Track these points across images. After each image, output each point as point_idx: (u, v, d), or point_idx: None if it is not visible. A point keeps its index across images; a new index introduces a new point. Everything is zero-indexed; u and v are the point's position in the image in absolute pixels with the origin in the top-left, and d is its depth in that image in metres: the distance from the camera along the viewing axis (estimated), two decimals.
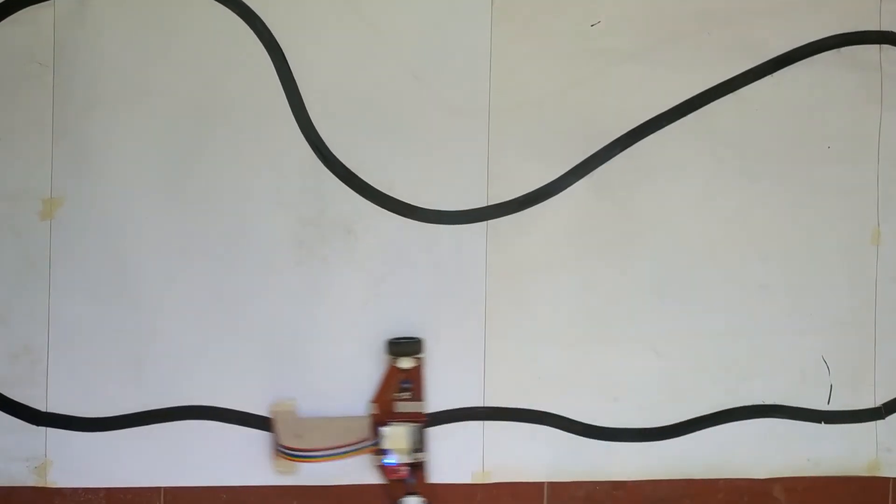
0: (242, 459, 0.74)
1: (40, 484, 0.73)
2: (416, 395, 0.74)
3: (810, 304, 0.78)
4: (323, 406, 0.74)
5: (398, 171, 0.76)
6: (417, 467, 0.73)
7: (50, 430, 0.73)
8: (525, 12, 0.76)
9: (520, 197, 0.76)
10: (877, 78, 0.78)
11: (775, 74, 0.78)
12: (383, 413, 0.74)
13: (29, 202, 0.73)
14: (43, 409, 0.73)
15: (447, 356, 0.76)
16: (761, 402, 0.78)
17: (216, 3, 0.74)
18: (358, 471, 0.74)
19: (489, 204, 0.76)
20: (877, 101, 0.78)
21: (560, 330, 0.77)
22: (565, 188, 0.76)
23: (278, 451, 0.72)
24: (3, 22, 0.73)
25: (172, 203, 0.74)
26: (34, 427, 0.73)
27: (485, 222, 0.76)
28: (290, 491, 0.75)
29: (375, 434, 0.72)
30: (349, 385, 0.75)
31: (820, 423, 0.78)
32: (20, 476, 0.73)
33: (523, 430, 0.76)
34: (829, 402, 0.78)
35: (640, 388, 0.77)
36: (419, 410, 0.74)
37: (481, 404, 0.76)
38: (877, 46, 0.78)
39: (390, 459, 0.72)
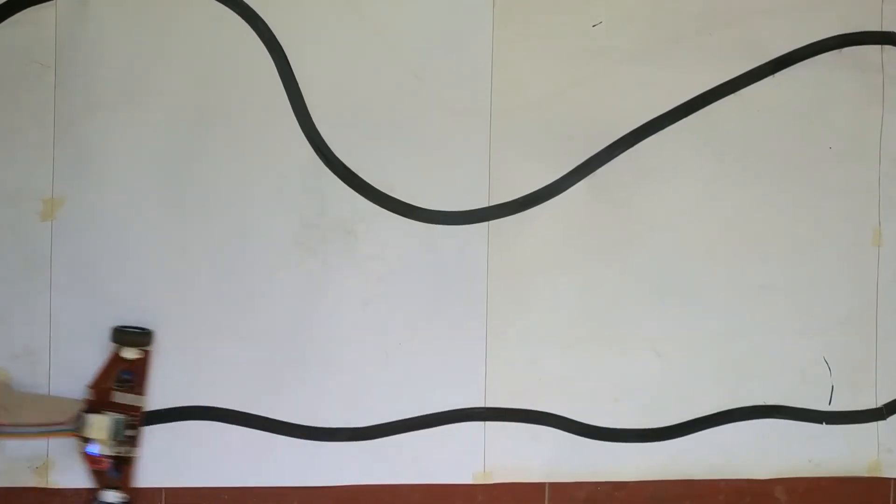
0: (244, 460, 0.74)
1: (41, 485, 0.73)
2: (137, 389, 0.72)
3: (811, 304, 0.78)
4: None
5: (399, 172, 0.76)
6: (124, 462, 0.72)
7: None
8: (526, 13, 0.76)
9: (521, 197, 0.76)
10: (878, 79, 0.78)
11: (776, 75, 0.78)
12: (99, 401, 0.72)
13: (30, 202, 0.73)
14: None
15: (447, 357, 0.76)
16: (762, 403, 0.78)
17: (217, 3, 0.74)
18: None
19: (490, 204, 0.76)
20: (878, 101, 0.78)
21: (561, 330, 0.77)
22: (566, 189, 0.77)
23: None
24: (5, 22, 0.73)
25: (173, 203, 0.74)
26: None
27: (486, 223, 0.76)
28: (291, 491, 0.75)
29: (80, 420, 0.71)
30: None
31: (821, 423, 0.78)
32: (22, 477, 0.73)
33: (524, 430, 0.76)
34: (830, 403, 0.79)
35: (641, 388, 0.77)
36: (137, 404, 0.72)
37: (482, 405, 0.76)
38: (878, 47, 0.78)
39: (93, 448, 0.71)
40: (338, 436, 0.75)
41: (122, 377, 0.72)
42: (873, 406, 0.79)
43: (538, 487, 0.77)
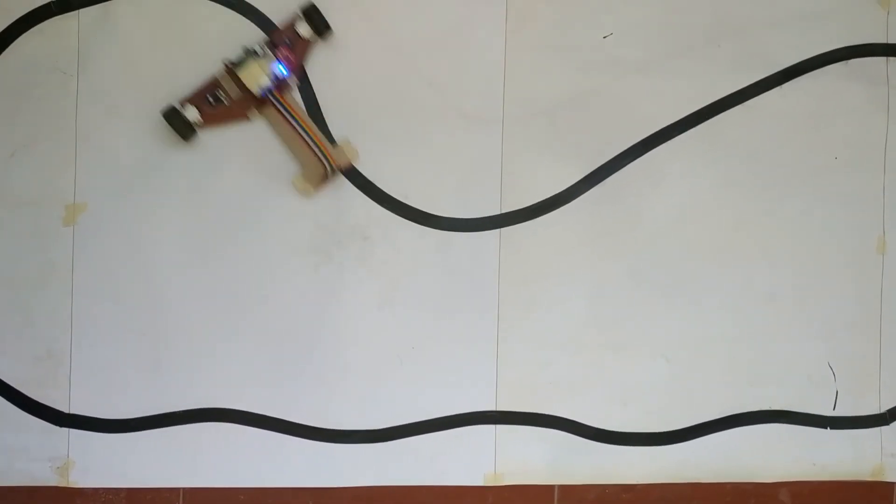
0: (260, 461, 0.76)
1: (62, 484, 0.75)
2: None
3: (816, 311, 0.79)
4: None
5: (413, 180, 0.77)
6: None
7: (72, 431, 0.75)
8: (539, 24, 0.78)
9: (532, 205, 0.78)
10: (883, 90, 0.79)
11: (783, 86, 0.79)
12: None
13: (52, 208, 0.75)
14: (65, 411, 0.75)
15: (459, 361, 0.77)
16: (768, 408, 0.79)
17: (237, 14, 0.75)
18: None
19: (502, 212, 0.77)
20: (883, 112, 0.79)
21: (571, 335, 0.78)
22: (577, 196, 0.78)
23: None
24: (29, 32, 0.74)
25: (192, 208, 0.76)
26: (57, 428, 0.75)
27: (498, 230, 0.77)
28: (306, 492, 0.76)
29: None
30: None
31: (826, 428, 0.79)
32: (43, 476, 0.75)
33: (534, 433, 0.78)
34: (834, 408, 0.80)
35: (650, 392, 0.78)
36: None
37: (493, 408, 0.77)
38: (883, 59, 0.79)
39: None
40: (352, 438, 0.76)
41: None
42: (877, 411, 0.80)
43: (547, 489, 0.78)
